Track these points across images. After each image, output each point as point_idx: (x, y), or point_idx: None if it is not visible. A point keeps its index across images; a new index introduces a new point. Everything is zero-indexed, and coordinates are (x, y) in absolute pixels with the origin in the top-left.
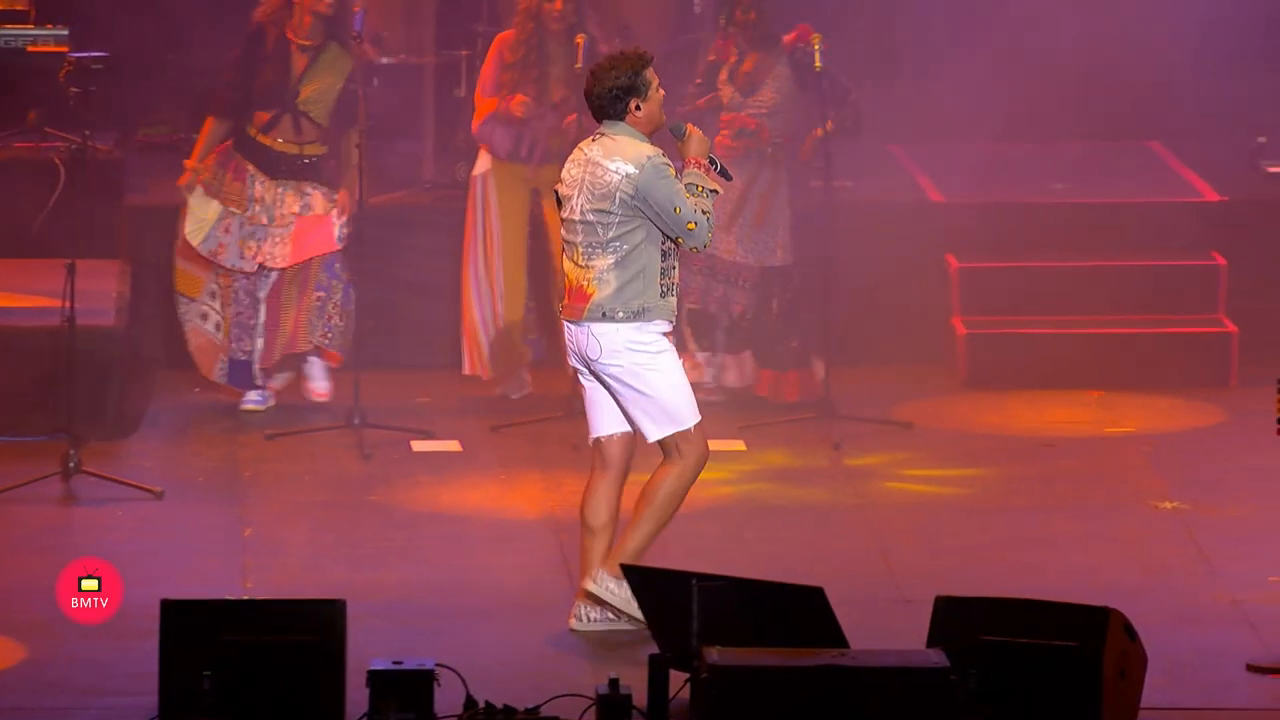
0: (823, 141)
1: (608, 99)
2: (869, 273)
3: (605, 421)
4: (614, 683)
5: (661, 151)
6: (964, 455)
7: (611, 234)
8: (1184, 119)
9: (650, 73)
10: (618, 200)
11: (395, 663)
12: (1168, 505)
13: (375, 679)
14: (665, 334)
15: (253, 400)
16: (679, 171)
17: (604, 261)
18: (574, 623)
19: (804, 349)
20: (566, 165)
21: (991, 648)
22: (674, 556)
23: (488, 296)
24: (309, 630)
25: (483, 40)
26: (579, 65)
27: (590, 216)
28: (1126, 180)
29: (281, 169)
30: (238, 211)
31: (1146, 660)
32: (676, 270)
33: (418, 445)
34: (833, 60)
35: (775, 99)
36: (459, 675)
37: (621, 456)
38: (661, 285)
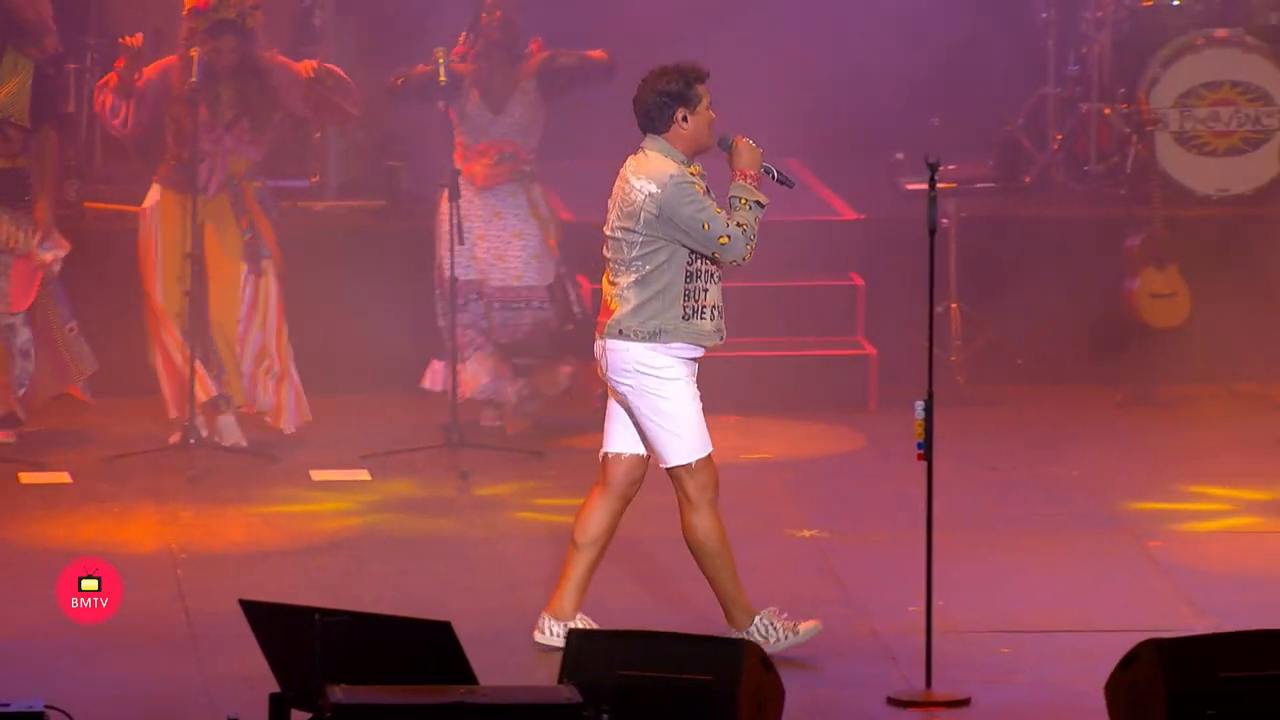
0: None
1: (655, 106)
2: None
3: (616, 439)
4: None
5: (688, 169)
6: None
7: (635, 252)
8: (820, 136)
9: (703, 89)
10: (641, 219)
11: (3, 705)
12: (806, 534)
13: None
14: (692, 358)
15: None
16: (731, 183)
17: (626, 279)
18: (538, 635)
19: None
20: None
21: (626, 682)
22: (296, 590)
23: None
24: None
25: (93, 53)
26: (193, 80)
27: (618, 233)
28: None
29: None
30: None
31: (784, 693)
32: (710, 294)
33: (26, 477)
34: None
35: (523, 115)
36: (69, 717)
37: (623, 478)
38: (685, 307)
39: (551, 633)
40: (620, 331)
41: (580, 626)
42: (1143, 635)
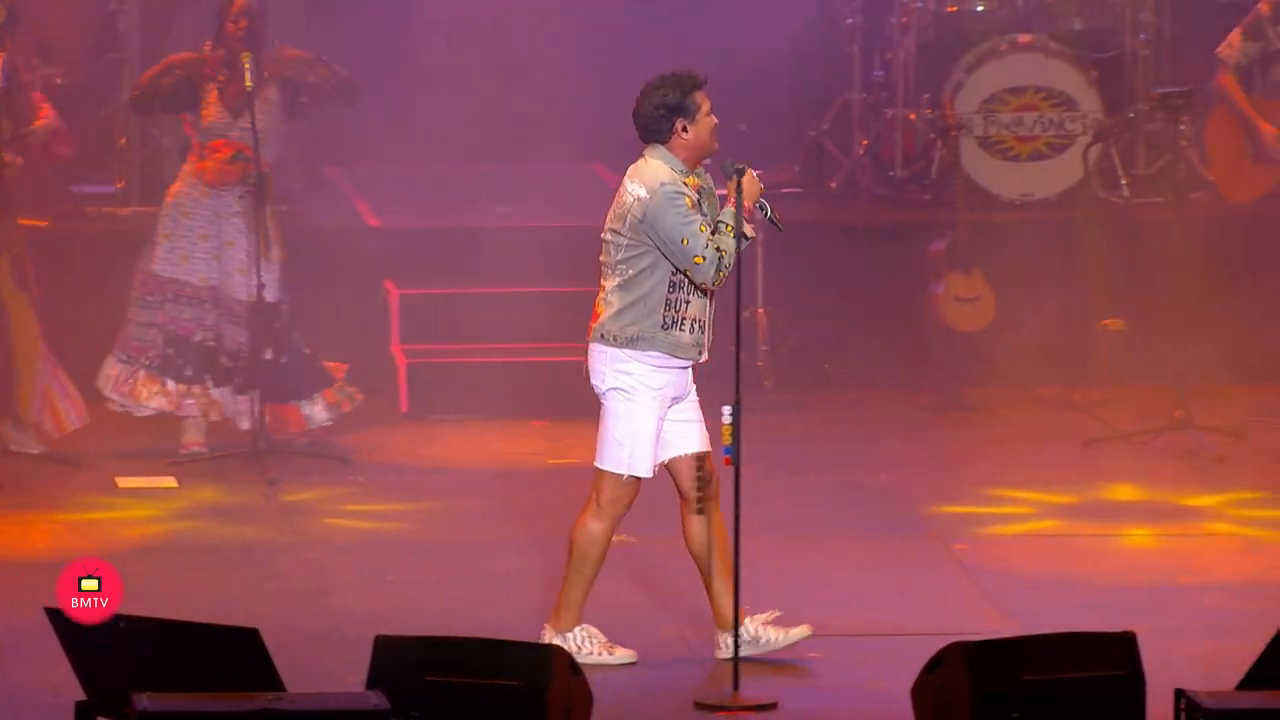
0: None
1: (653, 117)
2: (307, 300)
3: (661, 449)
4: None
5: (685, 179)
6: (406, 489)
7: (620, 256)
8: (625, 142)
9: (701, 96)
10: (628, 223)
11: None
12: (616, 539)
13: None
14: (672, 370)
15: None
16: (720, 207)
17: (611, 283)
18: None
19: (299, 382)
20: None
21: (434, 688)
22: None
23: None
24: None
25: None
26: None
27: (608, 235)
28: (569, 203)
29: None
30: None
31: (592, 698)
32: (692, 307)
33: None
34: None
35: (264, 123)
36: None
37: (688, 480)
38: (665, 317)
39: (725, 646)
40: (601, 335)
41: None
42: (948, 638)
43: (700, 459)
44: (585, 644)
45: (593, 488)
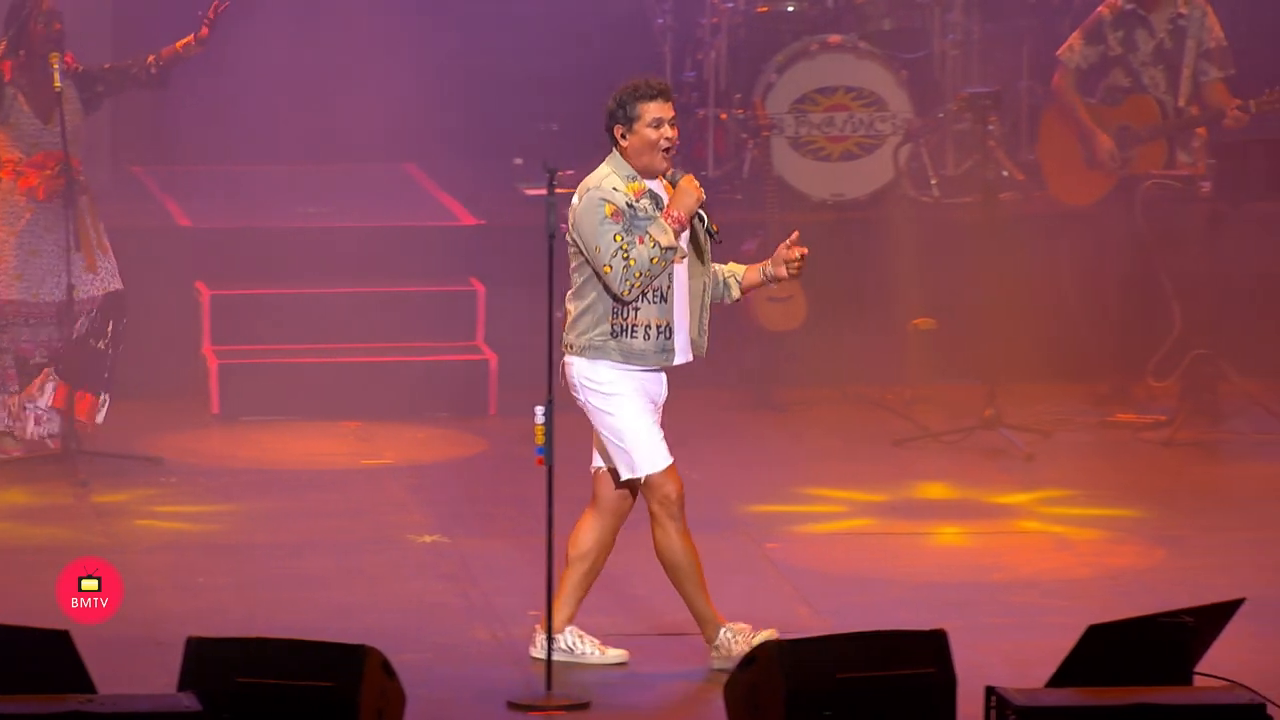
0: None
1: (605, 122)
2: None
3: (599, 454)
4: None
5: (628, 186)
6: (218, 490)
7: (573, 264)
8: (438, 141)
9: (645, 106)
10: (570, 231)
11: None
12: (428, 539)
13: None
14: (637, 371)
15: None
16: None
17: (570, 292)
18: (531, 650)
19: (110, 374)
20: None
21: (246, 690)
22: None
23: None
24: None
25: None
26: None
27: (568, 243)
28: (382, 204)
29: None
30: None
31: (405, 699)
32: (643, 313)
33: None
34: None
35: (72, 121)
36: None
37: (609, 492)
38: (614, 325)
39: (540, 646)
40: (568, 346)
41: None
42: (742, 628)
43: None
44: (579, 645)
45: (647, 503)
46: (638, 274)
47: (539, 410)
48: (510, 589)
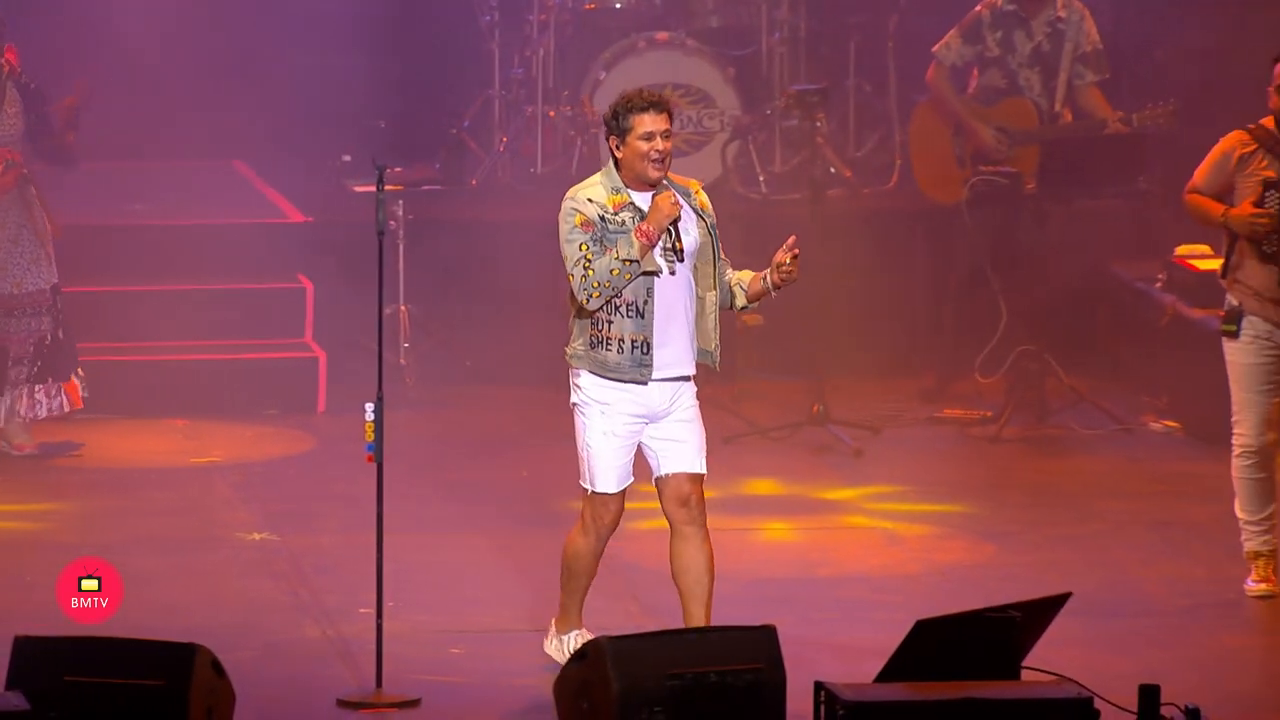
0: None
1: (603, 131)
2: None
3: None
4: None
5: (610, 198)
6: (46, 488)
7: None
8: (266, 138)
9: (637, 118)
10: None
11: None
12: (256, 536)
13: None
14: (617, 385)
15: None
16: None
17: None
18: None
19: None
20: None
21: (75, 688)
22: None
23: None
24: None
25: None
26: None
27: None
28: (210, 201)
29: None
30: None
31: (235, 697)
32: (616, 326)
33: None
34: None
35: (14, 119)
36: None
37: (663, 500)
38: (591, 335)
39: (552, 642)
40: (566, 354)
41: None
42: (592, 633)
43: (678, 480)
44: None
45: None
46: (595, 284)
47: (368, 407)
48: (339, 586)
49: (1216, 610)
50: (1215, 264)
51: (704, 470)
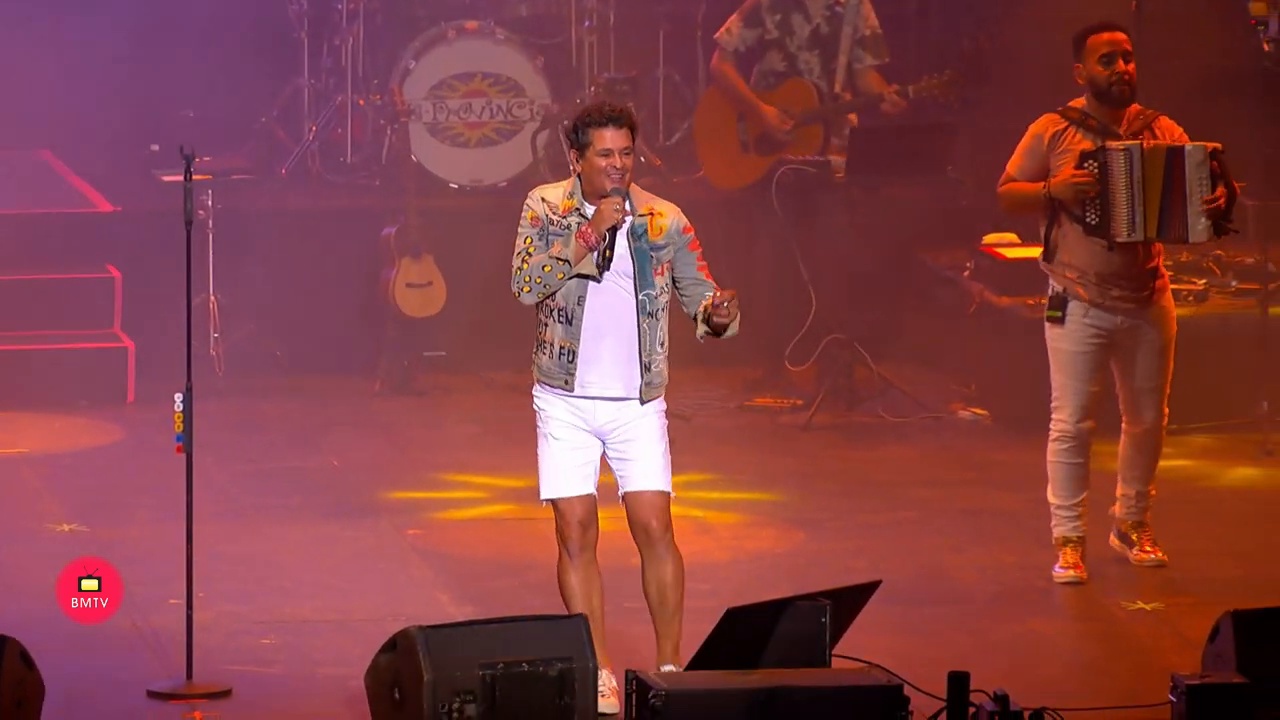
0: None
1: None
2: None
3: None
4: None
5: (563, 202)
6: None
7: None
8: (74, 127)
9: (598, 133)
10: None
11: None
12: (66, 528)
13: None
14: (559, 395)
15: None
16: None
17: None
18: None
19: None
20: None
21: None
22: None
23: None
24: None
25: None
26: None
27: None
28: (16, 190)
29: None
30: None
31: (44, 689)
32: (550, 330)
33: None
34: None
35: None
36: None
37: (628, 519)
38: (536, 337)
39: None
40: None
41: None
42: (403, 623)
43: (634, 500)
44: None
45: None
46: (526, 278)
47: (178, 397)
48: (150, 578)
49: (1025, 597)
50: (1023, 252)
51: (662, 488)
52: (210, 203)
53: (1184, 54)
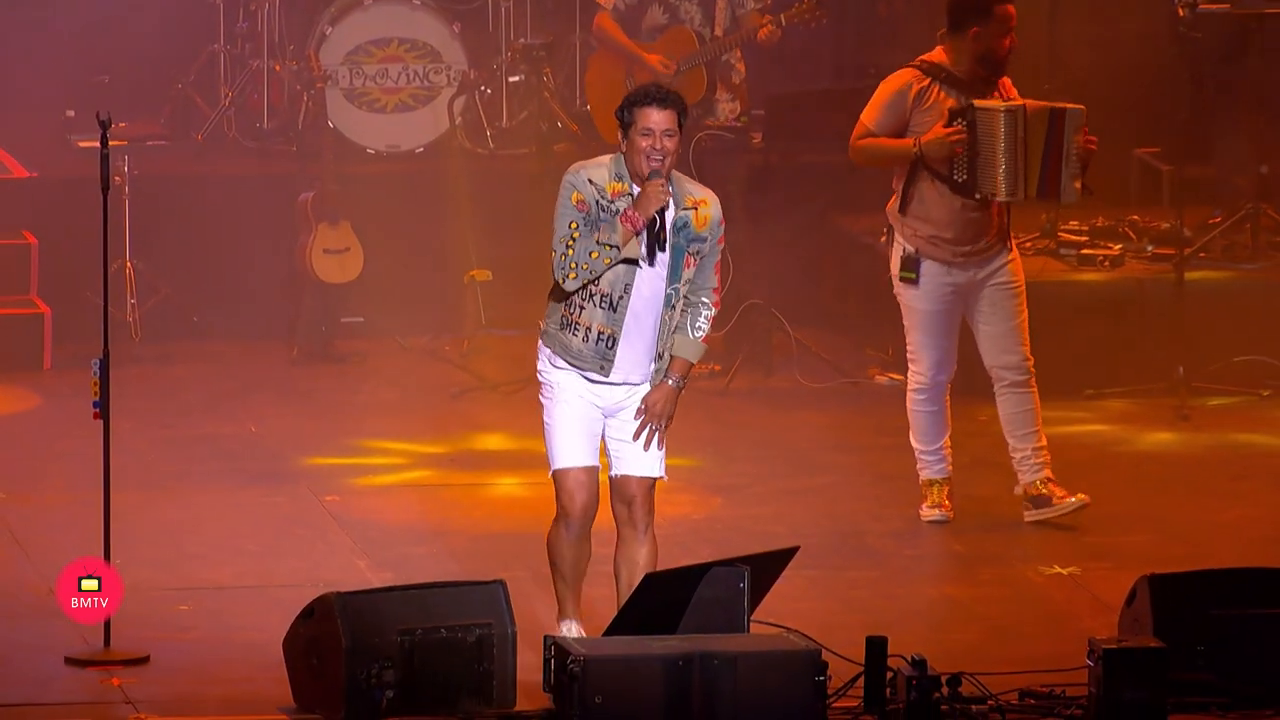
0: None
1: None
2: None
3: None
4: None
5: (611, 184)
6: None
7: None
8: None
9: (642, 111)
10: None
11: None
12: None
13: None
14: (573, 370)
15: None
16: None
17: None
18: None
19: None
20: None
21: None
22: None
23: None
24: None
25: None
26: None
27: None
28: None
29: None
30: None
31: None
32: (587, 313)
33: None
34: None
35: None
36: None
37: (611, 501)
38: (564, 315)
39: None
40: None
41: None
42: (321, 589)
43: (624, 481)
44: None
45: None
46: (574, 265)
47: (95, 364)
48: (66, 544)
49: (942, 562)
50: None
51: (657, 474)
52: (126, 169)
53: (1100, 20)
